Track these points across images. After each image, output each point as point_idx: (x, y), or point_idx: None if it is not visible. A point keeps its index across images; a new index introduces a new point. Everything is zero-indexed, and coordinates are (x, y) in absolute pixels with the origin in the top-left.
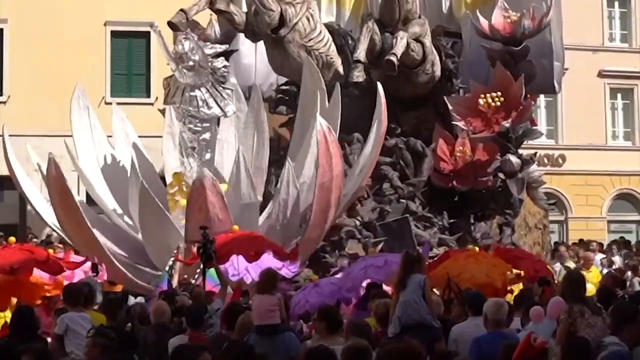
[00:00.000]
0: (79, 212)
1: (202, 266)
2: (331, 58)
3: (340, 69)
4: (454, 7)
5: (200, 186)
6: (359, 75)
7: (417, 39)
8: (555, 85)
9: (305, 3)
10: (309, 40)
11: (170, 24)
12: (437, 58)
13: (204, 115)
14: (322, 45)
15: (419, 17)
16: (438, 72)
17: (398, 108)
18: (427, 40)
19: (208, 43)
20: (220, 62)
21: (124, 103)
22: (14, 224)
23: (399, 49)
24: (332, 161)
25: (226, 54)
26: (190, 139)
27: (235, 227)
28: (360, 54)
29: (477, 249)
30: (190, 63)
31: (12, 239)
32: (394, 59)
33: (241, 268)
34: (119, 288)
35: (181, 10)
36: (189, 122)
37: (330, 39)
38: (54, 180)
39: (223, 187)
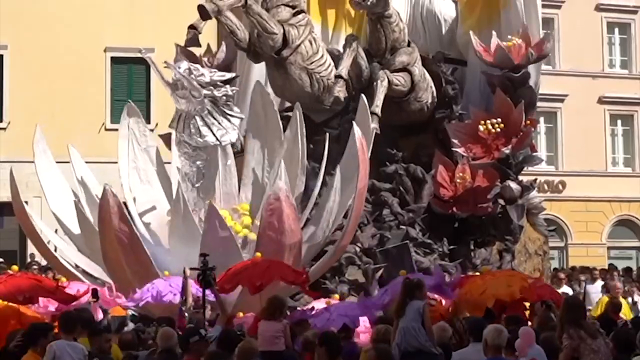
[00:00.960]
0: (137, 241)
1: (202, 292)
2: (332, 82)
3: (341, 94)
4: (458, 29)
5: (276, 199)
6: (339, 90)
7: (405, 68)
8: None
9: (308, 26)
10: (311, 63)
11: (201, 8)
12: (431, 84)
13: (196, 143)
14: (323, 69)
15: (408, 44)
16: (431, 99)
17: (398, 134)
18: (417, 68)
19: (214, 70)
20: (221, 91)
21: None
22: (14, 250)
23: (380, 96)
24: (365, 170)
25: (228, 81)
26: (184, 165)
27: (258, 254)
28: (342, 70)
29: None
30: (183, 91)
31: (15, 267)
32: (377, 111)
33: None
34: (123, 312)
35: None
36: (183, 147)
37: (333, 63)
38: (110, 209)
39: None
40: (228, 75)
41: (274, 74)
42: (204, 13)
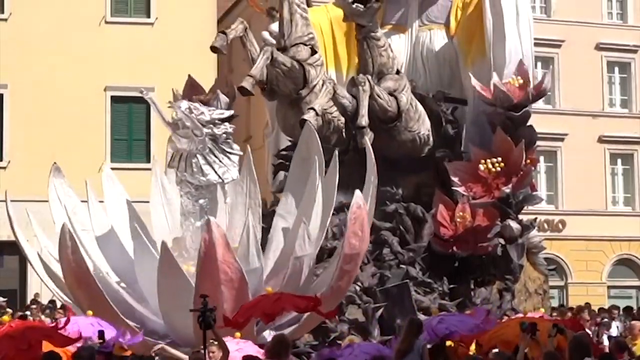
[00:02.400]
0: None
1: (204, 334)
2: (342, 123)
3: (344, 134)
4: (460, 64)
5: (359, 207)
6: (369, 138)
7: (391, 94)
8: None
9: (323, 66)
10: (326, 108)
11: (213, 48)
12: (425, 118)
13: (199, 182)
14: (334, 109)
15: (397, 72)
16: (425, 131)
17: (398, 174)
18: (404, 96)
19: (212, 108)
20: (221, 129)
21: (124, 168)
22: (14, 289)
23: (364, 103)
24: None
25: (228, 119)
26: (187, 204)
27: (269, 289)
28: (363, 118)
29: None
30: (184, 130)
31: (5, 318)
32: (362, 122)
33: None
34: (128, 353)
35: (221, 32)
36: (185, 187)
37: (339, 104)
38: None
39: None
40: (227, 113)
41: (287, 112)
42: (217, 50)
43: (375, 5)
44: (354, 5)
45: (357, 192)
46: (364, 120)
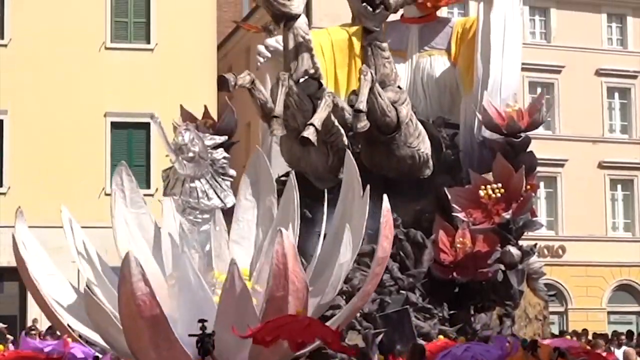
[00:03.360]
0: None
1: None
2: (342, 155)
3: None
4: (460, 90)
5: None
6: (364, 125)
7: (392, 104)
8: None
9: (330, 96)
10: (330, 136)
11: (220, 84)
12: (426, 138)
13: (204, 206)
14: (340, 141)
15: (398, 87)
16: (425, 150)
17: (399, 200)
18: (404, 110)
19: (207, 134)
20: (219, 154)
21: None
22: (14, 315)
23: (364, 91)
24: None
25: (226, 146)
26: (191, 231)
27: (299, 310)
28: (361, 103)
29: None
30: (190, 154)
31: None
32: (360, 106)
33: None
34: None
35: (232, 73)
36: (188, 213)
37: (342, 132)
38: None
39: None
40: (219, 139)
41: (294, 146)
42: (223, 85)
43: (384, 12)
44: (363, 4)
45: (385, 197)
46: (362, 105)
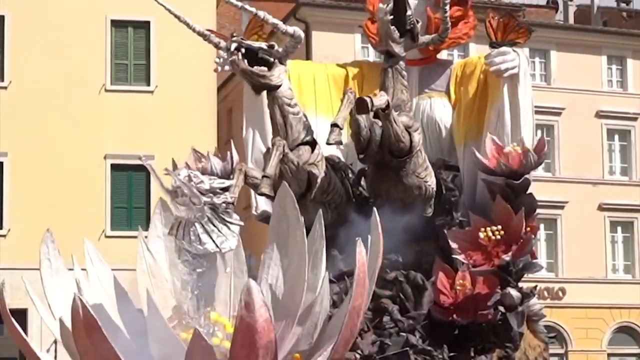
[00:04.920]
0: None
1: None
2: (342, 208)
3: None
4: (455, 140)
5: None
6: (334, 138)
7: (406, 129)
8: None
9: (323, 159)
10: (327, 195)
11: (360, 100)
12: (433, 173)
13: (196, 250)
14: (337, 197)
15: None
16: (432, 183)
17: (399, 242)
18: (417, 136)
19: (213, 177)
20: (221, 198)
21: (124, 236)
22: (14, 357)
23: (377, 99)
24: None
25: (227, 188)
26: (184, 272)
27: (297, 355)
28: (338, 119)
29: None
30: (183, 198)
31: None
32: (367, 99)
33: None
34: None
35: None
36: (183, 255)
37: (340, 184)
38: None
39: None
40: (227, 183)
41: None
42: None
43: (409, 42)
44: (392, 27)
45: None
46: (339, 121)
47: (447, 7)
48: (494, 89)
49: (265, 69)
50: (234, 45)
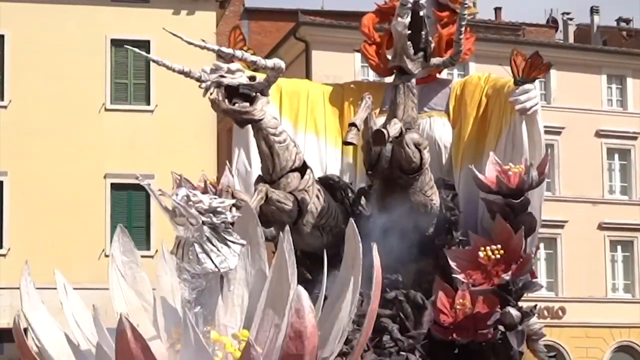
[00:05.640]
0: None
1: None
2: (339, 230)
3: (343, 230)
4: (453, 159)
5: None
6: (352, 137)
7: (416, 146)
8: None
9: (314, 183)
10: (321, 219)
11: (378, 133)
12: (436, 191)
13: (195, 270)
14: (332, 220)
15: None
16: (436, 203)
17: (399, 262)
18: (427, 154)
19: (213, 196)
20: (220, 218)
21: None
22: None
23: (392, 128)
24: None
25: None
26: (184, 292)
27: None
28: (357, 120)
29: None
30: (182, 218)
31: None
32: (385, 131)
33: None
34: None
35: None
36: (183, 273)
37: (335, 206)
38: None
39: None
40: (227, 202)
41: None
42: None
43: (422, 61)
44: (409, 42)
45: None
46: (358, 121)
47: (463, 30)
48: (505, 114)
49: (247, 104)
50: (210, 84)
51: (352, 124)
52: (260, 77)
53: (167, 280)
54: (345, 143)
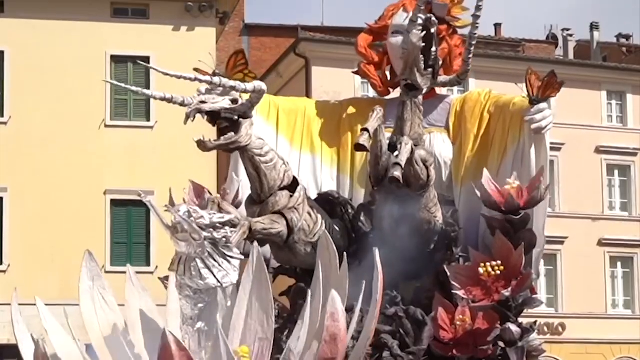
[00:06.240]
0: None
1: None
2: (339, 245)
3: (341, 247)
4: (453, 176)
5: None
6: (364, 140)
7: (423, 163)
8: (534, 274)
9: (305, 200)
10: (314, 236)
11: (357, 147)
12: (440, 209)
13: (198, 285)
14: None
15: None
16: (440, 220)
17: (399, 278)
18: (433, 172)
19: (213, 212)
20: (221, 233)
21: (124, 272)
22: None
23: (403, 155)
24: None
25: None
26: (185, 307)
27: None
28: (369, 126)
29: None
30: (183, 234)
31: None
32: (398, 173)
33: None
34: None
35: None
36: (185, 290)
37: (330, 222)
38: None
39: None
40: (227, 217)
41: (278, 252)
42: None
43: (430, 77)
44: (422, 55)
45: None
46: (401, 161)
47: (472, 49)
48: (512, 132)
49: (232, 134)
50: (191, 111)
51: (365, 129)
52: (246, 96)
53: (135, 303)
54: (357, 147)
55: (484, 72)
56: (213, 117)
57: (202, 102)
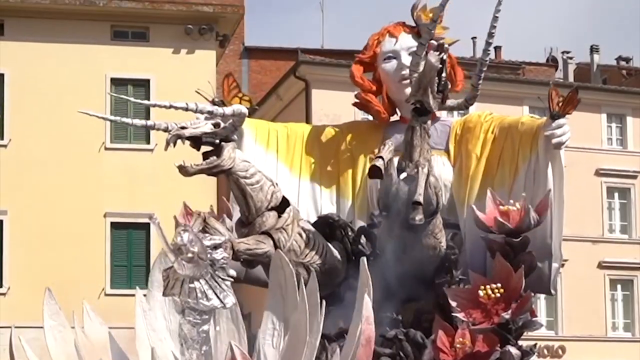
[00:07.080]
0: None
1: None
2: (329, 266)
3: (338, 268)
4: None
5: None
6: (421, 219)
7: (434, 189)
8: (552, 289)
9: (295, 220)
10: (305, 257)
11: (373, 168)
12: (444, 235)
13: (203, 307)
14: (317, 257)
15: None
16: (444, 247)
17: (399, 301)
18: (442, 198)
19: (207, 235)
20: (219, 254)
21: (124, 294)
22: None
23: (421, 183)
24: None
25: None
26: (190, 331)
27: None
28: (419, 197)
29: None
30: (190, 255)
31: None
32: (420, 217)
33: None
34: None
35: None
36: (188, 314)
37: (324, 243)
38: None
39: None
40: (217, 240)
41: (267, 272)
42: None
43: (439, 100)
44: (437, 77)
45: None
46: (421, 197)
47: (482, 75)
48: (523, 151)
49: (214, 158)
50: (171, 138)
51: (379, 156)
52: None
53: (100, 337)
54: (372, 169)
55: (484, 94)
56: (195, 142)
57: (183, 127)
